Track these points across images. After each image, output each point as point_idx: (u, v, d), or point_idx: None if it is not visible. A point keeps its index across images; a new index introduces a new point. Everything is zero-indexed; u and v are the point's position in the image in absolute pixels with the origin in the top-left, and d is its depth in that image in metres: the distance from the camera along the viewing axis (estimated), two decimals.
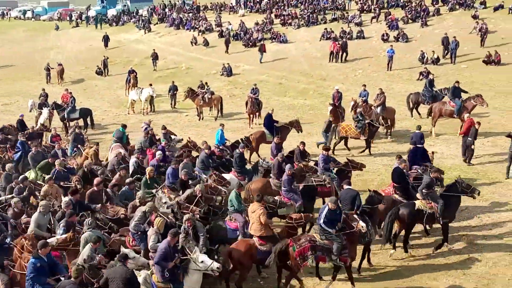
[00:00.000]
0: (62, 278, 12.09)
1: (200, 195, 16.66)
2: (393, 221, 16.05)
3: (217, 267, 12.82)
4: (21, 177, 18.25)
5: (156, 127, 25.85)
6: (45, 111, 29.86)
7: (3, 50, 61.62)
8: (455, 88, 27.52)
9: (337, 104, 28.33)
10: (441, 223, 16.17)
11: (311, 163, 20.11)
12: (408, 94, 30.89)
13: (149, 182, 18.00)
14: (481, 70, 38.60)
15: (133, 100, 35.37)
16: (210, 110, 34.13)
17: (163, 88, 40.09)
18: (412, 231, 16.51)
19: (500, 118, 28.40)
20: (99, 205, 16.03)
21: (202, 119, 32.87)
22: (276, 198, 17.27)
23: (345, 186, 15.94)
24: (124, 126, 25.12)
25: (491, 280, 15.02)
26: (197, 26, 58.45)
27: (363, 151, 25.30)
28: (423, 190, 16.29)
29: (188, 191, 16.99)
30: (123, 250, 12.68)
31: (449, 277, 15.26)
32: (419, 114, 29.73)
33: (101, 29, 65.95)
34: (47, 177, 18.26)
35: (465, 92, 27.56)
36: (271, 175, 19.16)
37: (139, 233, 14.43)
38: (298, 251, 13.94)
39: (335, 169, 19.25)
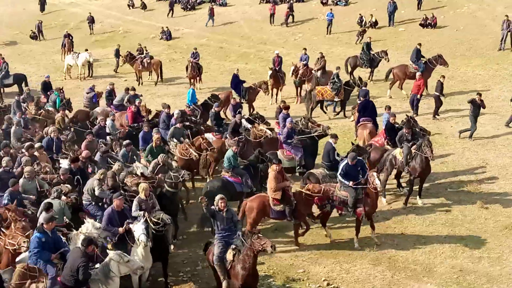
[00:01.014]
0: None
1: (162, 164, 16.64)
2: None
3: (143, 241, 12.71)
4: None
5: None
6: None
7: None
8: (418, 50, 28.00)
9: (277, 69, 28.39)
10: None
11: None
12: (347, 57, 31.24)
13: (155, 150, 17.72)
14: (418, 33, 39.23)
15: (69, 65, 34.54)
16: (149, 75, 33.67)
17: (100, 52, 39.28)
18: None
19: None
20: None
21: (142, 84, 32.40)
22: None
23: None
24: (59, 90, 24.83)
25: (428, 239, 15.58)
26: None
27: (338, 113, 26.04)
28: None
29: (154, 161, 16.94)
30: (113, 253, 11.83)
31: (387, 236, 15.77)
32: (353, 77, 30.13)
33: None
34: (37, 145, 17.91)
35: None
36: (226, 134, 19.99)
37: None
38: (318, 199, 15.29)
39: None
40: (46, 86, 27.31)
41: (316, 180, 16.53)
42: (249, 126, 20.38)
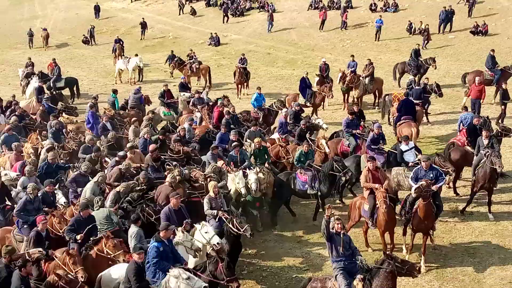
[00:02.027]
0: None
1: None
2: None
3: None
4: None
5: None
6: (34, 81, 29.35)
7: None
8: (492, 57, 27.61)
9: (324, 75, 28.37)
10: None
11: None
12: (396, 63, 31.03)
13: (258, 153, 17.99)
14: (469, 40, 38.67)
15: (120, 70, 35.18)
16: (198, 80, 34.03)
17: (150, 57, 39.93)
18: None
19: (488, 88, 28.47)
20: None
21: (190, 89, 32.71)
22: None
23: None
24: (115, 91, 25.48)
25: (477, 249, 15.34)
26: None
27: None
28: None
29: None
30: (173, 269, 11.18)
31: (436, 246, 15.58)
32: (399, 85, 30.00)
33: None
34: (129, 145, 18.57)
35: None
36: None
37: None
38: None
39: None
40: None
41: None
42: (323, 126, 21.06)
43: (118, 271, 11.88)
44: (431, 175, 14.92)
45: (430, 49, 36.69)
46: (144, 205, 14.69)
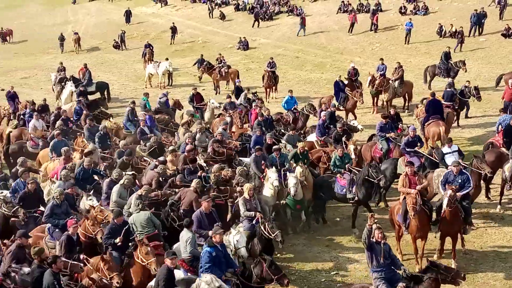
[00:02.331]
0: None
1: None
2: None
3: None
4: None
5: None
6: (69, 85, 29.66)
7: (19, 24, 61.74)
8: None
9: (353, 79, 28.21)
10: None
11: None
12: (426, 66, 30.80)
13: (300, 157, 18.01)
14: (500, 43, 38.17)
15: (151, 74, 35.49)
16: (227, 84, 34.17)
17: (179, 62, 40.19)
18: None
19: None
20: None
21: (219, 93, 32.92)
22: None
23: None
24: (146, 95, 26.35)
25: (508, 254, 15.14)
26: None
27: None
28: None
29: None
30: (204, 276, 11.09)
31: (466, 251, 15.43)
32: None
33: (112, 1, 66.34)
34: (170, 148, 18.87)
35: None
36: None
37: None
38: None
39: None
40: None
41: None
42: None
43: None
44: (459, 180, 14.82)
45: (461, 52, 36.31)
46: (169, 210, 14.83)
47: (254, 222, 14.32)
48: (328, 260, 15.59)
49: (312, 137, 21.23)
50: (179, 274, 11.98)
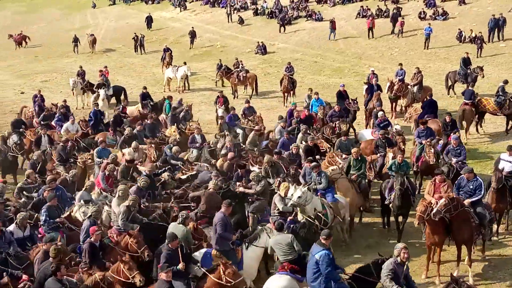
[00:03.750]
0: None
1: None
2: None
3: None
4: None
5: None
6: (102, 92, 29.69)
7: (39, 28, 62.39)
8: None
9: (372, 83, 28.07)
10: None
11: None
12: (447, 72, 30.61)
13: (355, 163, 17.68)
14: None
15: (169, 78, 35.65)
16: (245, 89, 34.22)
17: (198, 66, 40.32)
18: None
19: None
20: None
21: (237, 97, 32.97)
22: None
23: None
24: (170, 98, 27.08)
25: None
26: (232, 4, 58.33)
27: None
28: None
29: None
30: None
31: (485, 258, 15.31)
32: (454, 93, 29.55)
33: (130, 4, 66.91)
34: (223, 151, 19.57)
35: None
36: None
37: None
38: None
39: None
40: (144, 96, 28.49)
41: None
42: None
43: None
44: (471, 186, 14.77)
45: (481, 58, 36.02)
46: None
47: (290, 218, 14.42)
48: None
49: (368, 134, 21.44)
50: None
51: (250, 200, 15.96)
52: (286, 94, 31.17)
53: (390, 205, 16.43)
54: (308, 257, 11.89)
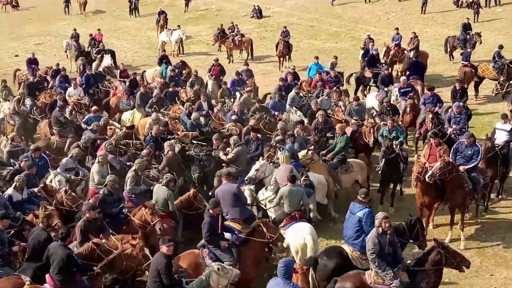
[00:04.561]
0: None
1: None
2: None
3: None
4: None
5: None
6: (108, 57, 29.19)
7: None
8: None
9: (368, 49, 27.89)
10: None
11: None
12: (446, 37, 30.42)
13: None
14: None
15: (164, 42, 35.36)
16: (240, 53, 34.01)
17: (192, 29, 39.98)
18: None
19: None
20: None
21: (232, 62, 32.78)
22: None
23: None
24: (167, 63, 26.75)
25: None
26: None
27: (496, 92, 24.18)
28: None
29: None
30: (214, 265, 10.80)
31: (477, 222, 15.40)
32: (453, 57, 29.48)
33: None
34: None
35: None
36: None
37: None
38: None
39: None
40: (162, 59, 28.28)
41: None
42: None
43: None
44: (469, 152, 14.79)
45: (478, 23, 35.81)
46: None
47: None
48: None
49: (372, 98, 21.43)
50: None
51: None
52: (281, 59, 31.00)
53: (379, 172, 16.27)
54: None
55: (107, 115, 22.10)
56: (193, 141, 17.17)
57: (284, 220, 13.23)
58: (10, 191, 13.68)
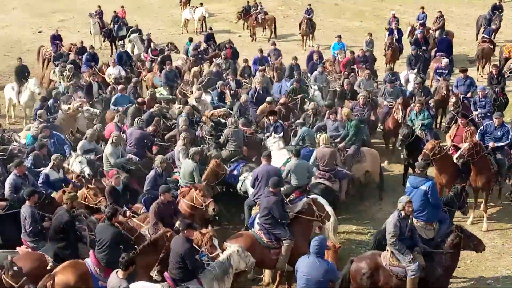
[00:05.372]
0: None
1: None
2: None
3: None
4: None
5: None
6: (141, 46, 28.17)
7: None
8: None
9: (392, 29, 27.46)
10: None
11: None
12: (478, 16, 29.86)
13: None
14: None
15: (187, 20, 35.26)
16: (263, 31, 33.82)
17: (216, 7, 39.77)
18: None
19: None
20: None
21: (255, 40, 32.63)
22: None
23: None
24: (190, 40, 27.00)
25: None
26: None
27: None
28: None
29: None
30: (235, 246, 10.77)
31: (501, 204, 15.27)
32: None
33: None
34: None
35: None
36: None
37: None
38: None
39: None
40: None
41: None
42: None
43: None
44: (499, 133, 14.65)
45: (505, 3, 35.11)
46: None
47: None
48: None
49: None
50: None
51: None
52: (305, 38, 30.75)
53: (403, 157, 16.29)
54: None
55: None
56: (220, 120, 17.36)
57: (293, 194, 13.43)
58: (47, 170, 13.63)
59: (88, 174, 14.11)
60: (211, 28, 29.95)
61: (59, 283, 10.12)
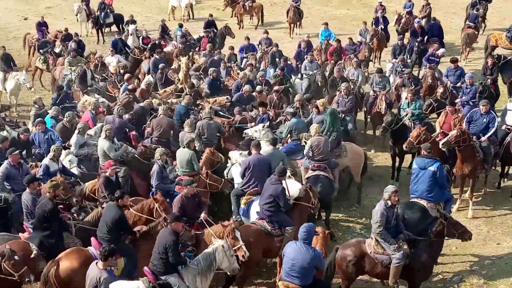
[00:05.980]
0: None
1: None
2: None
3: None
4: None
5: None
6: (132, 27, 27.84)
7: None
8: None
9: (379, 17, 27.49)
10: None
11: None
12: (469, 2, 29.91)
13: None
14: None
15: (173, 7, 35.09)
16: (250, 19, 33.76)
17: None
18: None
19: None
20: None
21: (242, 27, 32.56)
22: None
23: None
24: (181, 26, 27.16)
25: None
26: None
27: None
28: None
29: None
30: (222, 241, 10.46)
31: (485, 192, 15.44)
32: None
33: None
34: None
35: None
36: None
37: None
38: None
39: None
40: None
41: None
42: None
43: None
44: (484, 120, 14.75)
45: None
46: None
47: None
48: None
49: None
50: None
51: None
52: (292, 25, 30.72)
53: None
54: None
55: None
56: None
57: None
58: (46, 161, 13.41)
59: (76, 176, 13.76)
60: (211, 15, 29.75)
61: (63, 268, 10.16)
